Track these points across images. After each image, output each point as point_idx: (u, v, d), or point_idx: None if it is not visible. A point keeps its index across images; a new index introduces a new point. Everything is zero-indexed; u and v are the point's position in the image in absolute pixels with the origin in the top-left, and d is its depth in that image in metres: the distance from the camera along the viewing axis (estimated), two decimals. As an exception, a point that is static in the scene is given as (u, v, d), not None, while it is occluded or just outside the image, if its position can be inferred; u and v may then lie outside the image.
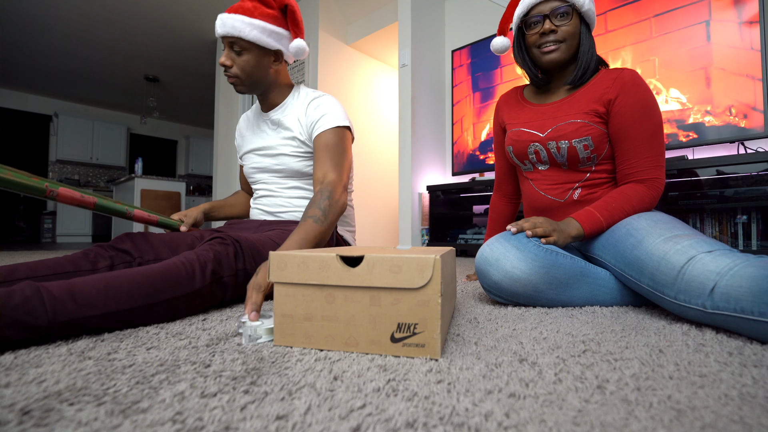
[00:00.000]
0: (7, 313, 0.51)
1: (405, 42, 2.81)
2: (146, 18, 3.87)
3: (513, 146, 1.02)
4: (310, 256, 0.55)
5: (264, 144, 1.14)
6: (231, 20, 0.98)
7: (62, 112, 6.24)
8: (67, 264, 0.77)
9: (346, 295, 0.54)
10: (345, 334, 0.54)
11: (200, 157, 7.55)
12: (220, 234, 0.85)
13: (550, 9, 0.91)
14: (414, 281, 0.51)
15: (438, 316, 0.50)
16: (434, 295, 0.50)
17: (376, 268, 0.52)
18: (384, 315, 0.52)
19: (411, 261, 0.51)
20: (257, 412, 0.36)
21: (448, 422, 0.34)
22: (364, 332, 0.53)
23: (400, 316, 0.52)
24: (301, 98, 1.12)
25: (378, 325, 0.53)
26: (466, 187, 2.60)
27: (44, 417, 0.35)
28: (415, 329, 0.51)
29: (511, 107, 1.08)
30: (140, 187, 4.35)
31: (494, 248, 0.85)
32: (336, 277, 0.54)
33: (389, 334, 0.52)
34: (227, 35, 1.00)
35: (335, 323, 0.54)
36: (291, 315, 0.56)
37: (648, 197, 0.88)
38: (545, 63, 0.95)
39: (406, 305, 0.51)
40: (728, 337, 0.61)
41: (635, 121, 0.88)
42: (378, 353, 0.53)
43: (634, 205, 0.88)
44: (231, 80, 1.05)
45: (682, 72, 1.96)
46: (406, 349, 0.52)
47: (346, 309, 0.54)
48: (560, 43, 0.92)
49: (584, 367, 0.48)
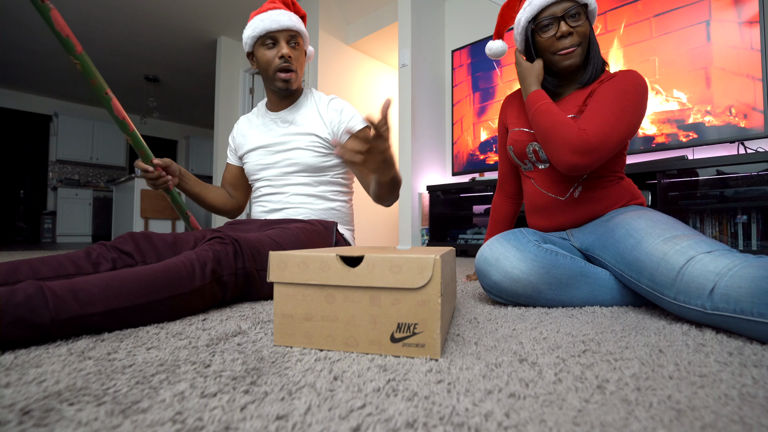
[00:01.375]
0: (10, 311, 0.52)
1: (405, 42, 2.81)
2: (146, 18, 3.87)
3: (513, 146, 1.03)
4: (309, 256, 0.55)
5: (274, 141, 1.16)
6: (293, 16, 1.07)
7: (62, 112, 6.24)
8: (69, 265, 0.77)
9: (346, 295, 0.54)
10: (345, 334, 0.54)
11: (200, 157, 7.55)
12: (219, 234, 0.85)
13: (563, 10, 0.87)
14: (414, 281, 0.51)
15: (438, 316, 0.50)
16: (434, 295, 0.50)
17: (376, 268, 0.52)
18: (384, 315, 0.52)
19: (411, 261, 0.51)
20: (257, 412, 0.36)
21: (448, 422, 0.34)
22: (364, 332, 0.53)
23: (400, 316, 0.52)
24: (315, 99, 1.18)
25: (378, 325, 0.53)
26: (466, 187, 2.60)
27: (44, 417, 0.35)
28: (415, 329, 0.51)
29: (514, 107, 1.08)
30: (140, 187, 4.35)
31: (494, 248, 0.85)
32: (336, 277, 0.54)
33: (389, 334, 0.52)
34: (292, 29, 1.07)
35: (335, 323, 0.54)
36: (291, 315, 0.56)
37: (569, 135, 0.82)
38: (564, 68, 0.91)
39: (406, 305, 0.51)
40: (728, 337, 0.61)
41: (604, 89, 0.86)
42: (378, 353, 0.53)
43: (554, 125, 0.84)
44: (290, 75, 1.10)
45: (682, 72, 1.96)
46: (406, 349, 0.52)
47: (346, 309, 0.54)
48: (577, 47, 0.89)
49: (584, 367, 0.48)
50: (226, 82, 4.35)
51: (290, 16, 1.06)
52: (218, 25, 4.04)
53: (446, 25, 3.19)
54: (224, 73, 4.31)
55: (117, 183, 4.85)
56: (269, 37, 1.06)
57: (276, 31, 1.04)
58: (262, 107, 1.24)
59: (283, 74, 1.08)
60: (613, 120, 0.81)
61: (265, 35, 1.06)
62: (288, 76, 1.08)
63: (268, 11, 1.06)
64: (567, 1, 0.87)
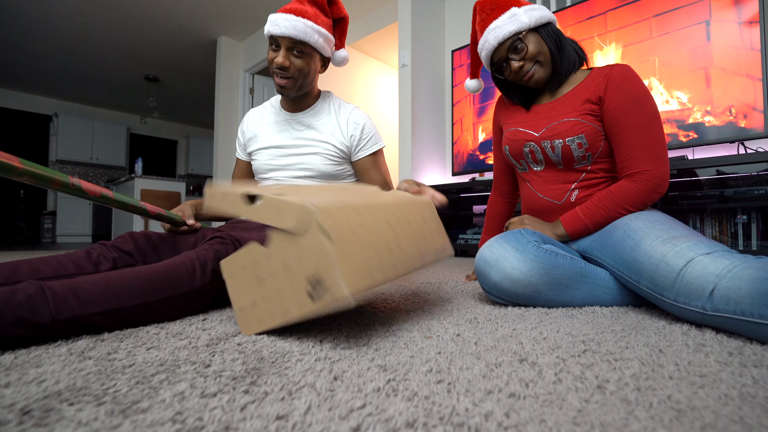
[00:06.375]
0: (10, 311, 0.52)
1: (405, 42, 2.81)
2: (146, 18, 3.87)
3: (509, 146, 1.03)
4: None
5: (288, 143, 1.14)
6: (300, 23, 1.00)
7: (62, 112, 6.23)
8: (69, 265, 0.77)
9: (270, 272, 0.57)
10: (280, 307, 0.57)
11: (200, 157, 7.55)
12: (220, 233, 0.85)
13: (506, 50, 0.95)
14: (288, 223, 0.53)
15: (333, 262, 0.50)
16: (324, 241, 0.51)
17: (266, 207, 0.56)
18: (297, 278, 0.54)
19: (291, 205, 0.53)
20: (257, 412, 0.36)
21: (448, 422, 0.34)
22: (291, 301, 0.56)
23: (307, 274, 0.53)
24: (335, 106, 1.16)
25: (296, 289, 0.55)
26: (466, 187, 2.60)
27: (44, 417, 0.35)
28: (322, 281, 0.52)
29: (508, 107, 1.09)
30: (140, 187, 4.35)
31: (494, 249, 0.85)
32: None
33: (306, 294, 0.54)
34: (294, 37, 1.00)
35: (271, 302, 0.58)
36: (244, 307, 0.62)
37: (634, 192, 0.85)
38: (533, 85, 0.98)
39: (307, 260, 0.53)
40: (728, 338, 0.61)
41: (624, 113, 0.87)
42: (307, 315, 0.55)
43: (617, 201, 0.86)
44: (284, 81, 1.05)
45: (682, 72, 1.96)
46: (323, 302, 0.52)
47: (274, 286, 0.58)
48: (535, 65, 0.94)
49: (584, 367, 0.48)
50: (226, 82, 4.35)
51: (296, 24, 1.00)
52: (218, 25, 4.03)
53: (446, 25, 3.19)
54: (224, 73, 4.31)
55: (117, 183, 4.84)
56: (273, 40, 1.05)
57: (277, 36, 1.02)
58: (276, 104, 1.21)
59: (277, 79, 1.06)
60: (650, 138, 0.86)
61: (270, 36, 1.05)
62: (281, 82, 1.05)
63: (281, 13, 1.03)
64: (507, 40, 0.94)
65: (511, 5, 0.95)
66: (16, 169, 0.67)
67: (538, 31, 0.94)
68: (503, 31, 0.93)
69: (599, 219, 0.88)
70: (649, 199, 0.86)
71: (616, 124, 0.88)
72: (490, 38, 0.95)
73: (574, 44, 0.98)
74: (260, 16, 3.83)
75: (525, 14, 0.92)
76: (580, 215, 0.90)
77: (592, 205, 0.89)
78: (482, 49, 0.99)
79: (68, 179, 0.75)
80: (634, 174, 0.86)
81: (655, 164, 0.85)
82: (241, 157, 1.27)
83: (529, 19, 0.92)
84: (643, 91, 0.87)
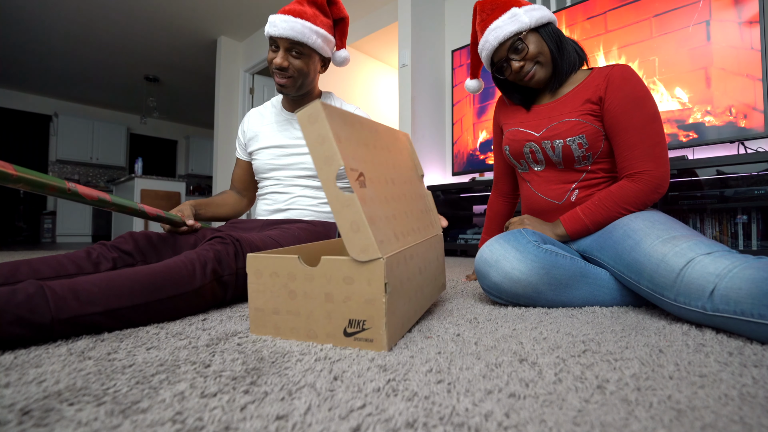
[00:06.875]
0: (10, 310, 0.52)
1: (405, 42, 2.81)
2: (146, 18, 3.87)
3: (509, 146, 1.03)
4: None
5: (289, 142, 1.15)
6: (297, 24, 1.01)
7: (62, 112, 6.23)
8: (69, 265, 0.77)
9: (306, 292, 0.59)
10: (306, 327, 0.59)
11: (200, 157, 7.54)
12: (220, 233, 0.85)
13: (506, 50, 0.95)
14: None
15: (383, 314, 0.54)
16: (379, 295, 0.54)
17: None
18: (337, 311, 0.57)
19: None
20: (257, 412, 0.36)
21: (448, 422, 0.34)
22: (321, 326, 0.58)
23: (351, 313, 0.56)
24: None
25: (332, 320, 0.57)
26: (466, 187, 2.60)
27: (44, 417, 0.35)
28: (364, 325, 0.55)
29: (508, 107, 1.10)
30: (140, 187, 4.35)
31: (493, 249, 0.85)
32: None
33: (342, 328, 0.57)
34: (292, 38, 1.01)
35: (297, 317, 0.60)
36: (262, 309, 0.63)
37: (634, 192, 0.85)
38: (534, 85, 0.98)
39: (355, 303, 0.56)
40: (728, 338, 0.61)
41: (625, 114, 0.87)
42: (334, 345, 0.57)
43: (617, 201, 0.87)
44: (284, 81, 1.07)
45: (682, 72, 1.96)
46: (357, 342, 0.56)
47: (306, 305, 0.59)
48: (535, 65, 0.94)
49: (584, 367, 0.48)
50: (226, 82, 4.35)
51: (294, 25, 1.00)
52: (218, 25, 4.03)
53: (446, 25, 3.19)
54: (224, 73, 4.31)
55: (117, 183, 4.84)
56: (272, 41, 1.05)
57: (276, 37, 1.03)
58: (277, 104, 1.22)
59: (277, 78, 1.07)
60: (651, 138, 0.86)
61: (269, 37, 1.06)
62: (281, 81, 1.06)
63: (280, 14, 1.03)
64: (507, 40, 0.94)
65: (512, 5, 0.95)
66: (10, 176, 0.67)
67: (539, 32, 0.94)
68: (504, 32, 0.93)
69: (599, 219, 0.88)
70: (650, 199, 0.86)
71: (616, 124, 0.88)
72: (491, 38, 0.95)
73: (575, 44, 0.98)
74: (260, 16, 3.83)
75: (525, 14, 0.92)
76: (580, 215, 0.90)
77: (593, 205, 0.89)
78: (482, 49, 0.99)
79: (64, 184, 0.75)
80: (635, 174, 0.86)
81: (656, 164, 0.85)
82: (241, 157, 1.27)
83: (529, 19, 0.92)
84: (644, 91, 0.87)
